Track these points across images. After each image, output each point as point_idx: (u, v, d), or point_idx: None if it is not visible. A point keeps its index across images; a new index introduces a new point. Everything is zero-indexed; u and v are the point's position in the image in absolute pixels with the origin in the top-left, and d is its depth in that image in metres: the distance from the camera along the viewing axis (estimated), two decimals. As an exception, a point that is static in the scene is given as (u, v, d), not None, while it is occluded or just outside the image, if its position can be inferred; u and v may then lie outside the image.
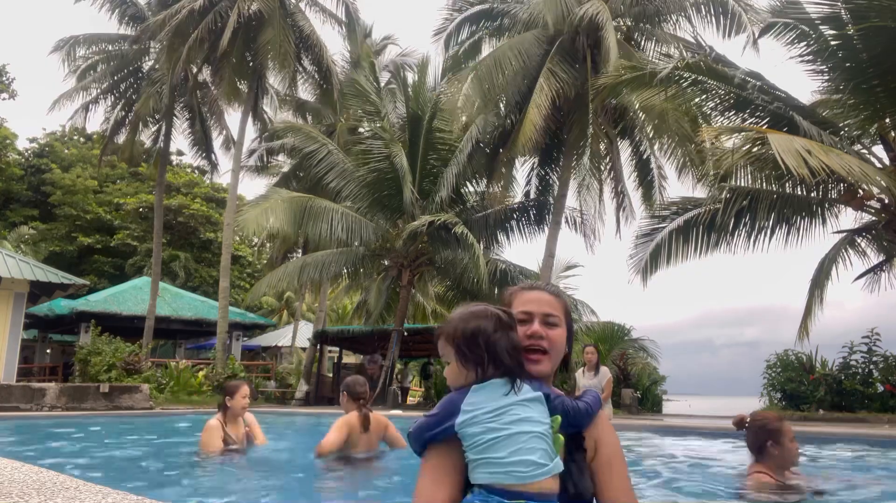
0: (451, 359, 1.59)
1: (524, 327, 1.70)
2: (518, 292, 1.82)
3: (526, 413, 1.51)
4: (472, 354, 1.56)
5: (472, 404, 1.51)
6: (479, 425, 1.49)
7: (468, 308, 1.65)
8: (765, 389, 14.18)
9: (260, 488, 4.44)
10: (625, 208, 17.75)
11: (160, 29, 19.28)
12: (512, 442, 1.47)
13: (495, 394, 1.52)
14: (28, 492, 2.02)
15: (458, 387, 1.57)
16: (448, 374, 1.62)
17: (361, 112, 18.31)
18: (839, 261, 12.98)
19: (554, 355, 1.71)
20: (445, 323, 1.64)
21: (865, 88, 10.04)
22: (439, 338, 1.64)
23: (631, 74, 11.07)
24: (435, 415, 1.55)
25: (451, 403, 1.54)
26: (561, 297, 1.81)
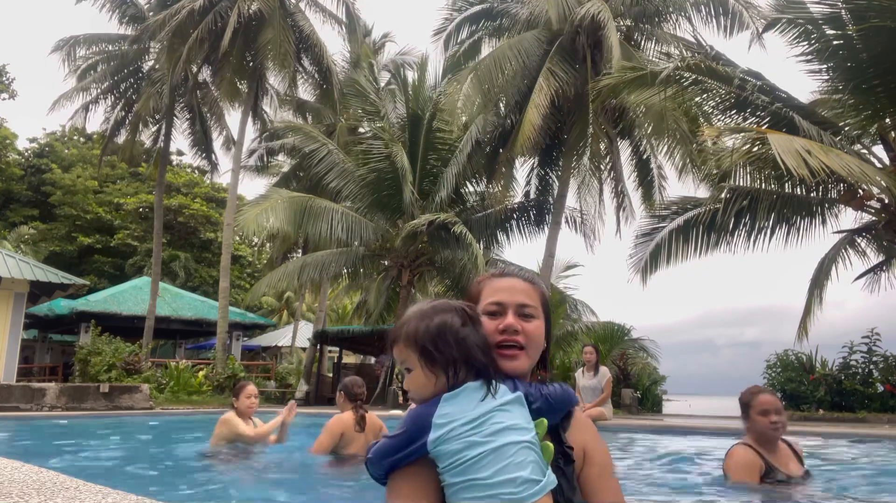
0: (413, 365, 1.36)
1: (496, 320, 1.48)
2: (488, 280, 1.58)
3: (509, 420, 1.29)
4: (441, 355, 1.34)
5: (447, 416, 1.28)
6: (458, 440, 1.26)
7: (425, 304, 1.44)
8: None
9: (258, 488, 4.44)
10: (625, 208, 17.75)
11: (160, 29, 19.29)
12: (498, 457, 1.25)
13: (471, 402, 1.30)
14: (28, 492, 2.01)
15: (425, 398, 1.34)
16: (411, 385, 1.38)
17: (361, 112, 18.32)
18: (839, 261, 12.99)
19: (531, 350, 1.48)
20: (400, 323, 1.41)
21: (865, 88, 10.04)
22: (395, 343, 1.40)
23: (631, 74, 11.07)
24: (400, 435, 1.31)
25: (419, 418, 1.30)
26: (537, 285, 1.58)
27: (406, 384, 1.40)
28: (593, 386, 9.06)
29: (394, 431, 1.34)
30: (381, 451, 1.32)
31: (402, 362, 1.40)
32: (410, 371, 1.37)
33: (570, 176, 16.62)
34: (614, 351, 16.16)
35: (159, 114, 22.93)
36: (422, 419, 1.30)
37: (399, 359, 1.41)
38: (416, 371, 1.36)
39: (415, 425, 1.30)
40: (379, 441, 1.35)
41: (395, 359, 1.45)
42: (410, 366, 1.37)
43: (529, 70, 15.53)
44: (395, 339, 1.41)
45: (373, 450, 1.35)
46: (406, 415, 1.34)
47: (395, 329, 1.43)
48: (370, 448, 1.35)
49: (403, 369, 1.41)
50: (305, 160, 18.71)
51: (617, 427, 9.00)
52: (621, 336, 16.93)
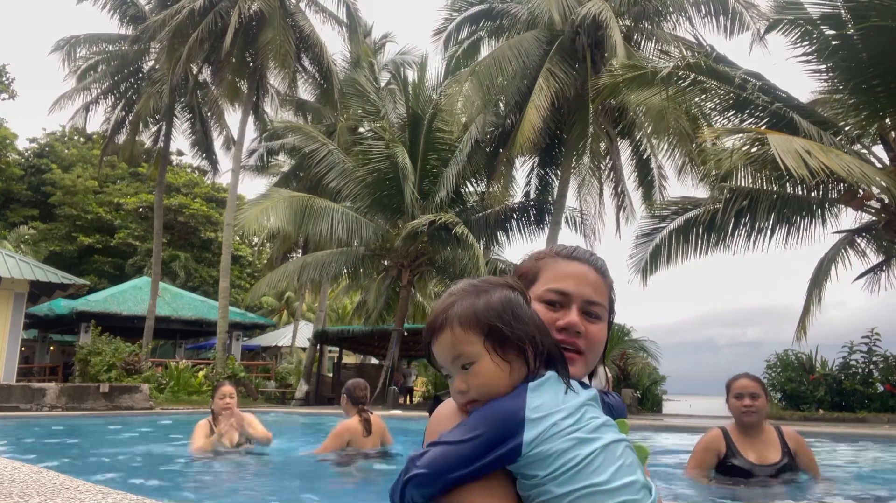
0: (475, 354, 1.09)
1: (555, 312, 1.22)
2: (551, 259, 1.30)
3: (602, 416, 1.09)
4: (515, 334, 1.09)
5: (542, 409, 1.03)
6: (563, 438, 1.02)
7: (470, 282, 1.17)
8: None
9: (258, 489, 4.45)
10: (625, 208, 17.76)
11: (160, 29, 19.30)
12: (610, 457, 1.03)
13: (559, 393, 1.07)
14: (28, 492, 2.02)
15: (499, 391, 1.07)
16: (477, 379, 1.08)
17: (361, 112, 18.33)
18: (838, 261, 12.99)
19: (590, 357, 1.25)
20: (442, 308, 1.13)
21: (865, 88, 10.04)
22: (440, 332, 1.11)
23: (632, 73, 11.08)
24: (472, 439, 1.01)
25: (501, 414, 1.03)
26: (608, 278, 1.32)
27: (466, 382, 1.09)
28: (593, 387, 9.06)
29: (453, 435, 1.04)
30: (444, 463, 1.01)
31: (454, 358, 1.10)
32: (468, 366, 1.09)
33: (570, 176, 16.64)
34: (614, 351, 16.17)
35: (159, 114, 22.92)
36: (507, 415, 1.03)
37: (449, 356, 1.11)
38: (483, 360, 1.08)
39: (496, 424, 1.02)
40: (428, 450, 1.04)
41: (435, 362, 1.15)
42: (471, 356, 1.08)
43: (529, 70, 15.54)
44: (441, 327, 1.11)
45: (425, 461, 1.03)
46: (477, 414, 1.06)
47: (437, 315, 1.13)
48: (414, 459, 1.05)
49: (453, 369, 1.11)
50: (305, 160, 18.73)
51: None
52: (621, 336, 16.93)
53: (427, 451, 1.04)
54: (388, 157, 16.51)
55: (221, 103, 23.29)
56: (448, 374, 1.14)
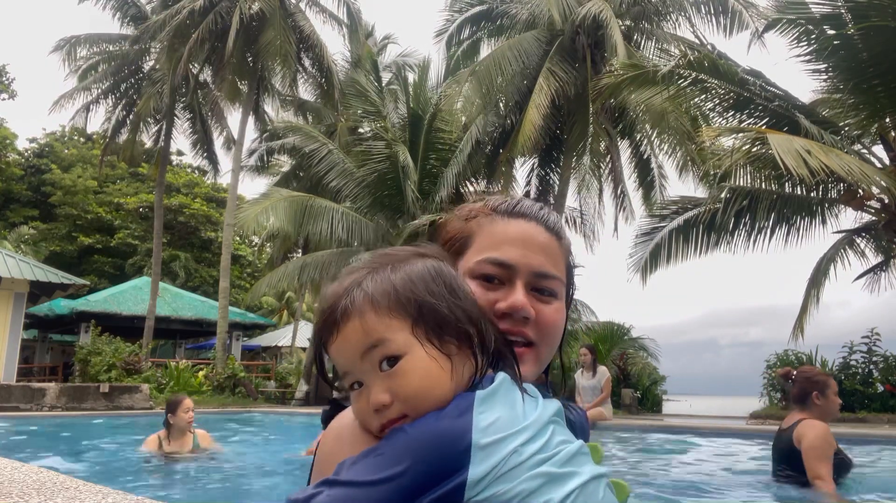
0: (405, 343, 0.78)
1: (492, 291, 0.91)
2: (486, 217, 0.98)
3: (573, 438, 0.80)
4: (455, 316, 0.80)
5: (498, 429, 0.72)
6: (528, 473, 0.71)
7: (376, 253, 0.87)
8: (764, 389, 14.19)
9: (257, 488, 4.45)
10: (625, 208, 17.78)
11: (160, 29, 19.31)
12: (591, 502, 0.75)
13: (516, 405, 0.76)
14: (28, 492, 2.02)
15: (439, 399, 0.76)
16: (412, 379, 0.77)
17: (362, 112, 18.34)
18: (838, 261, 12.99)
19: (543, 350, 0.94)
20: (350, 286, 0.81)
21: (865, 88, 10.03)
22: (356, 315, 0.78)
23: (633, 72, 11.08)
24: (394, 477, 0.69)
25: (435, 438, 0.71)
26: (564, 238, 1.01)
27: (389, 389, 0.77)
28: (592, 386, 9.09)
29: (360, 470, 0.71)
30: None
31: (367, 352, 0.78)
32: (393, 363, 0.77)
33: (570, 176, 16.64)
34: (614, 351, 16.17)
35: (160, 114, 22.93)
36: (444, 439, 0.71)
37: (358, 352, 0.78)
38: (414, 353, 0.77)
39: (428, 453, 0.70)
40: (318, 493, 0.70)
41: (330, 373, 0.84)
42: (395, 348, 0.77)
43: (529, 70, 15.54)
44: (343, 316, 0.78)
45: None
46: (393, 439, 0.73)
47: (335, 300, 0.80)
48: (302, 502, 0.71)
49: (367, 372, 0.79)
50: (305, 160, 18.73)
51: (616, 427, 9.02)
52: (621, 335, 16.94)
53: (317, 495, 0.70)
54: (388, 157, 16.51)
55: (222, 103, 23.30)
56: (354, 387, 0.80)
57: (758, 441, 7.61)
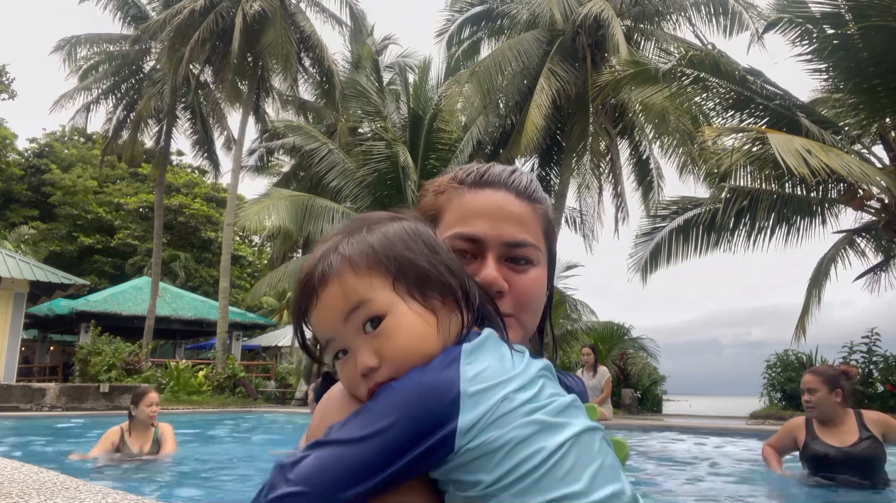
0: (387, 302, 0.75)
1: (466, 266, 0.87)
2: (455, 190, 0.95)
3: (565, 393, 0.77)
4: (437, 270, 0.78)
5: (485, 377, 0.71)
6: (519, 420, 0.70)
7: (352, 219, 0.86)
8: (764, 389, 14.19)
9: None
10: (624, 208, 17.80)
11: (161, 29, 19.31)
12: (586, 452, 0.72)
13: (504, 357, 0.75)
14: (28, 492, 2.01)
15: (427, 355, 0.74)
16: (398, 337, 0.75)
17: (362, 112, 18.34)
18: (838, 261, 13.00)
19: (525, 316, 0.92)
20: (326, 251, 0.79)
21: (866, 88, 10.04)
22: (335, 278, 0.76)
23: (634, 70, 11.09)
24: (382, 431, 0.68)
25: (422, 389, 0.70)
26: (538, 202, 0.96)
27: (375, 350, 0.75)
28: (593, 386, 9.10)
29: (348, 429, 0.70)
30: (334, 474, 0.68)
31: (349, 314, 0.75)
32: (376, 323, 0.75)
33: (570, 176, 16.64)
34: (614, 351, 16.17)
35: (161, 114, 22.94)
36: (431, 391, 0.70)
37: (341, 315, 0.75)
38: (398, 310, 0.75)
39: (416, 405, 0.69)
40: (307, 455, 0.70)
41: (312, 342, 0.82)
42: (377, 307, 0.75)
43: (529, 70, 15.55)
44: (322, 281, 0.76)
45: (303, 473, 0.69)
46: (380, 396, 0.72)
47: (314, 266, 0.78)
48: (283, 469, 0.70)
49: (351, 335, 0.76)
50: (306, 160, 18.74)
51: (617, 427, 9.02)
52: (621, 335, 16.93)
53: (305, 457, 0.70)
54: (388, 157, 16.52)
55: (222, 103, 23.30)
56: (339, 354, 0.78)
57: (758, 441, 7.61)
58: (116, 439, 5.21)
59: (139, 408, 5.26)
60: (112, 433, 5.25)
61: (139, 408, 5.26)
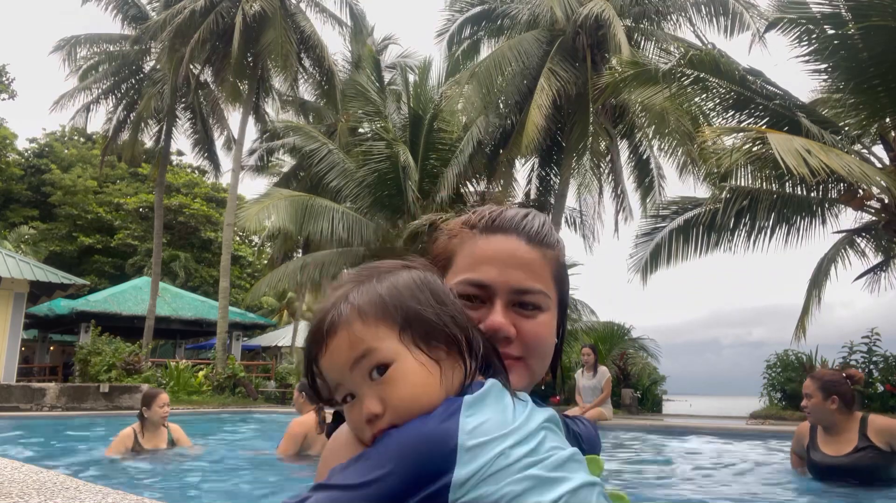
0: (393, 351, 0.78)
1: (475, 311, 0.91)
2: (467, 235, 0.97)
3: (567, 445, 0.79)
4: (442, 321, 0.80)
5: (484, 431, 0.72)
6: (515, 475, 0.71)
7: (362, 267, 0.89)
8: (764, 389, 14.19)
9: (254, 487, 4.45)
10: (624, 208, 17.80)
11: (161, 29, 19.31)
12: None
13: (506, 411, 0.76)
14: (28, 492, 2.01)
15: (430, 405, 0.76)
16: (402, 386, 0.78)
17: (362, 113, 18.34)
18: (838, 261, 13.00)
19: (534, 364, 0.94)
20: (337, 300, 0.82)
21: (866, 88, 10.03)
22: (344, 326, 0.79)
23: (634, 70, 11.09)
24: (378, 480, 0.70)
25: (420, 440, 0.72)
26: (550, 247, 0.97)
27: (380, 398, 0.77)
28: (593, 386, 9.09)
29: (348, 475, 0.72)
30: None
31: (356, 362, 0.78)
32: (382, 371, 0.78)
33: (570, 176, 16.64)
34: (614, 351, 16.16)
35: (161, 114, 22.94)
36: (428, 441, 0.71)
37: (348, 362, 0.79)
38: (403, 360, 0.78)
39: (413, 456, 0.71)
40: (308, 498, 0.72)
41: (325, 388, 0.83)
42: (383, 356, 0.78)
43: (529, 70, 15.55)
44: (332, 329, 0.79)
45: None
46: (380, 444, 0.74)
47: (324, 314, 0.81)
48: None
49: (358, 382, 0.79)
50: (306, 160, 18.74)
51: (617, 426, 9.02)
52: (621, 335, 16.92)
53: (306, 499, 0.72)
54: (388, 157, 16.51)
55: (222, 103, 23.30)
56: (347, 399, 0.80)
57: (757, 441, 7.61)
58: (130, 442, 5.23)
59: (152, 410, 5.28)
60: (125, 436, 5.26)
61: (152, 410, 5.28)
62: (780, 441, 7.10)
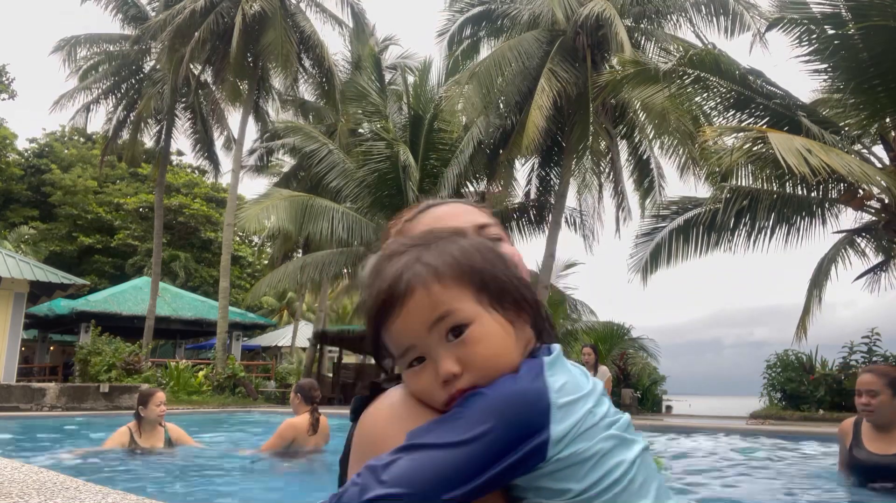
0: (472, 311, 0.77)
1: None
2: None
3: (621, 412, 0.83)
4: (513, 284, 0.81)
5: (568, 390, 0.75)
6: (602, 434, 0.74)
7: (420, 234, 0.87)
8: (765, 389, 14.20)
9: (255, 487, 4.45)
10: (624, 208, 17.79)
11: (161, 29, 19.31)
12: (650, 470, 0.78)
13: (577, 373, 0.80)
14: (28, 492, 2.01)
15: (509, 365, 0.77)
16: (484, 345, 0.76)
17: (362, 113, 18.34)
18: (839, 261, 13.00)
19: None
20: (409, 263, 0.79)
21: (866, 88, 10.03)
22: (421, 287, 0.77)
23: (634, 69, 11.09)
24: (481, 436, 0.70)
25: (518, 398, 0.72)
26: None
27: (459, 358, 0.76)
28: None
29: (444, 432, 0.71)
30: (435, 477, 0.68)
31: (434, 324, 0.76)
32: (462, 331, 0.76)
33: (570, 176, 16.64)
34: (614, 351, 16.17)
35: (161, 114, 22.94)
36: (526, 399, 0.72)
37: (425, 325, 0.77)
38: (482, 320, 0.77)
39: (512, 412, 0.71)
40: (397, 458, 0.70)
41: (387, 351, 0.81)
42: (463, 316, 0.76)
43: (529, 71, 15.55)
44: (407, 291, 0.77)
45: (402, 475, 0.69)
46: (474, 402, 0.73)
47: (395, 276, 0.78)
48: (374, 470, 0.70)
49: (433, 344, 0.77)
50: (306, 160, 18.74)
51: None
52: (621, 335, 16.94)
53: (396, 460, 0.70)
54: (388, 158, 16.52)
55: (222, 103, 23.30)
56: (413, 364, 0.79)
57: (757, 441, 7.61)
58: (126, 440, 5.20)
59: (149, 409, 5.23)
60: (121, 434, 5.23)
61: (149, 409, 5.23)
62: (780, 440, 7.10)
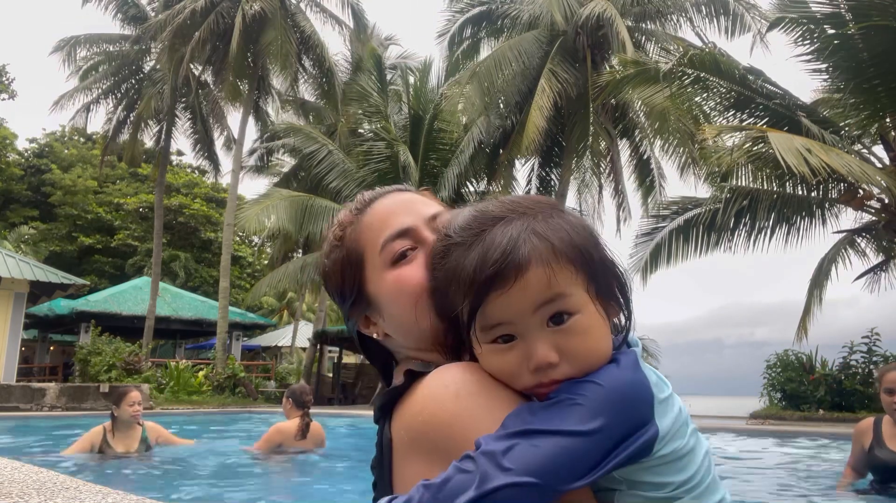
0: (581, 300, 0.73)
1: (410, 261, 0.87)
2: (354, 222, 0.97)
3: None
4: (615, 276, 0.78)
5: (658, 386, 0.74)
6: (688, 430, 0.75)
7: (521, 198, 0.82)
8: (765, 389, 14.18)
9: (255, 487, 4.44)
10: (625, 208, 17.80)
11: (161, 29, 19.31)
12: (713, 464, 0.79)
13: (650, 370, 0.78)
14: (28, 492, 2.01)
15: (603, 360, 0.74)
16: (586, 338, 0.73)
17: (362, 113, 18.33)
18: (839, 261, 13.00)
19: None
20: (526, 230, 0.73)
21: (866, 88, 10.03)
22: (542, 263, 0.71)
23: (634, 69, 11.09)
24: (601, 429, 0.67)
25: (630, 392, 0.71)
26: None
27: (559, 347, 0.72)
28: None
29: (564, 421, 0.68)
30: (568, 465, 0.65)
31: (540, 307, 0.72)
32: (567, 319, 0.72)
33: (570, 176, 16.64)
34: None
35: (161, 114, 22.93)
36: (637, 394, 0.71)
37: (532, 306, 0.72)
38: (587, 310, 0.73)
39: (625, 407, 0.69)
40: (516, 444, 0.66)
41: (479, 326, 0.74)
42: (572, 304, 0.72)
43: (530, 71, 15.54)
44: (528, 261, 0.71)
45: (532, 463, 0.65)
46: (588, 393, 0.69)
47: (513, 242, 0.72)
48: (492, 456, 0.65)
49: (532, 328, 0.72)
50: (306, 160, 18.73)
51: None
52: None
53: (514, 445, 0.65)
54: (389, 157, 16.52)
55: (222, 103, 23.29)
56: (499, 341, 0.74)
57: (757, 441, 7.61)
58: (98, 440, 5.07)
59: (121, 409, 5.10)
60: (94, 433, 5.11)
61: (121, 409, 5.10)
62: (780, 440, 7.10)
